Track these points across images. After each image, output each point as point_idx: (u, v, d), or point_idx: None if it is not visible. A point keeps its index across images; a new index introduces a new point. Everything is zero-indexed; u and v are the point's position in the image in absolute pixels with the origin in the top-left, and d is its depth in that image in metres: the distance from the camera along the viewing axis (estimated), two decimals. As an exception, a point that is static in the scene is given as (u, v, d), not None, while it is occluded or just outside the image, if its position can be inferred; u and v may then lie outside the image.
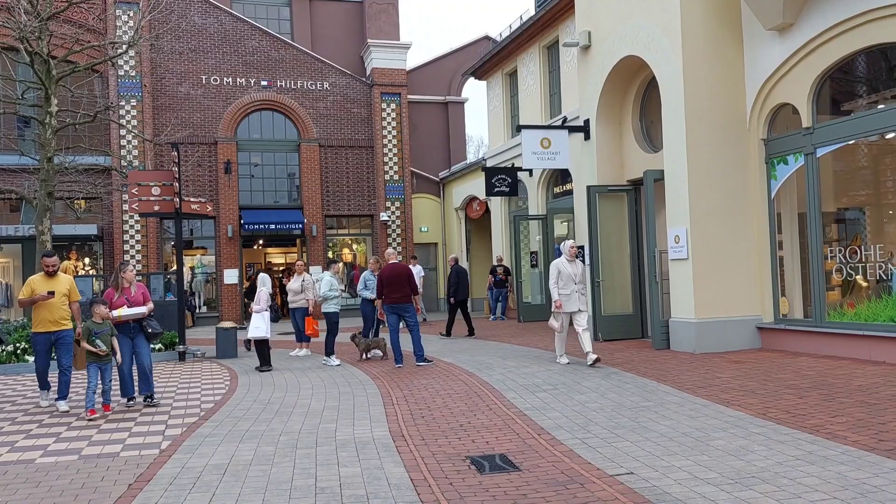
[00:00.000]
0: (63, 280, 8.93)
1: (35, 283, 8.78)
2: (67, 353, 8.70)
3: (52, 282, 8.79)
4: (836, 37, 9.65)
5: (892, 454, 5.23)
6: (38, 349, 8.87)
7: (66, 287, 8.86)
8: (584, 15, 13.67)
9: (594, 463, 5.43)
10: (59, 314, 8.76)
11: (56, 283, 8.79)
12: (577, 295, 10.18)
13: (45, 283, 8.74)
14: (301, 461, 5.83)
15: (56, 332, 8.74)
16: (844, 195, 10.71)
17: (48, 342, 8.78)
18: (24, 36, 13.90)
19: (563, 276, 10.14)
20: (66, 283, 8.91)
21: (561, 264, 10.23)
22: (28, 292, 8.73)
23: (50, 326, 8.71)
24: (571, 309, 10.17)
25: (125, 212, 21.75)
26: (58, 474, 5.73)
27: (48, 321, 8.70)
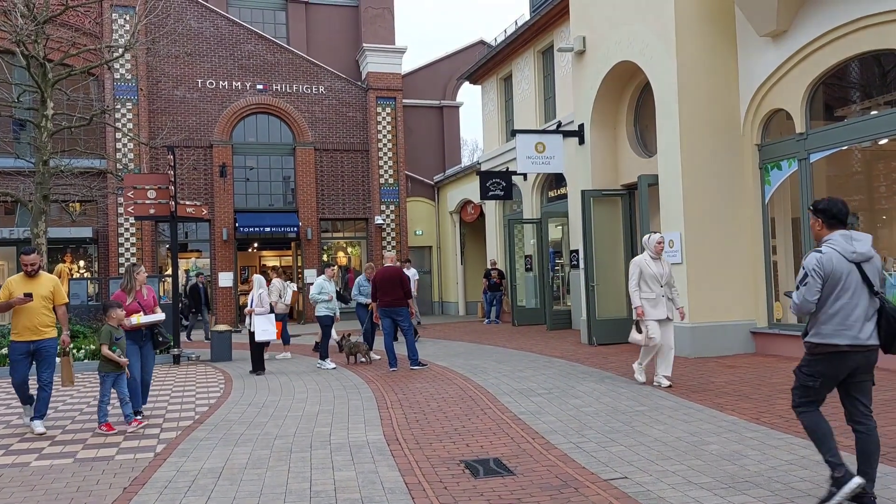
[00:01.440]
0: (45, 281, 7.70)
1: (13, 284, 7.59)
2: (49, 366, 7.58)
3: (32, 283, 7.57)
4: (830, 43, 9.72)
5: (885, 459, 5.25)
6: (14, 360, 7.63)
7: (48, 289, 7.63)
8: (579, 20, 13.72)
9: (588, 467, 5.45)
10: (39, 320, 7.54)
11: (36, 285, 7.56)
12: (664, 300, 8.61)
13: (24, 285, 7.52)
14: (296, 465, 5.84)
15: (36, 341, 7.53)
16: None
17: (27, 353, 7.55)
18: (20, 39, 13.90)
19: (646, 276, 8.61)
20: (49, 285, 7.68)
21: (644, 262, 8.69)
22: (5, 295, 7.54)
23: (29, 334, 7.51)
24: (657, 316, 8.56)
25: (120, 215, 21.74)
26: (53, 478, 5.73)
27: (27, 328, 7.50)
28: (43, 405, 7.60)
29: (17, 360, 7.61)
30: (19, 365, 7.63)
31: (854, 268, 4.34)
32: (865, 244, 4.38)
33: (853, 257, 4.34)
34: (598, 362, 10.71)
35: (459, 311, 24.85)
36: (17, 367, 7.64)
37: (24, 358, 7.57)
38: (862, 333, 4.33)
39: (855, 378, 4.45)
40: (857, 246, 4.36)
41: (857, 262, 4.35)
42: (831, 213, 4.47)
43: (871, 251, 4.39)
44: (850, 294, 4.32)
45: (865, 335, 4.34)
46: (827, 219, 4.49)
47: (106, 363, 7.45)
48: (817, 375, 4.47)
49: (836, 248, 4.38)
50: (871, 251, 4.38)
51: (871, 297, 4.35)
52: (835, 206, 4.47)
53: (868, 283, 4.34)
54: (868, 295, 4.34)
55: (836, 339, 4.34)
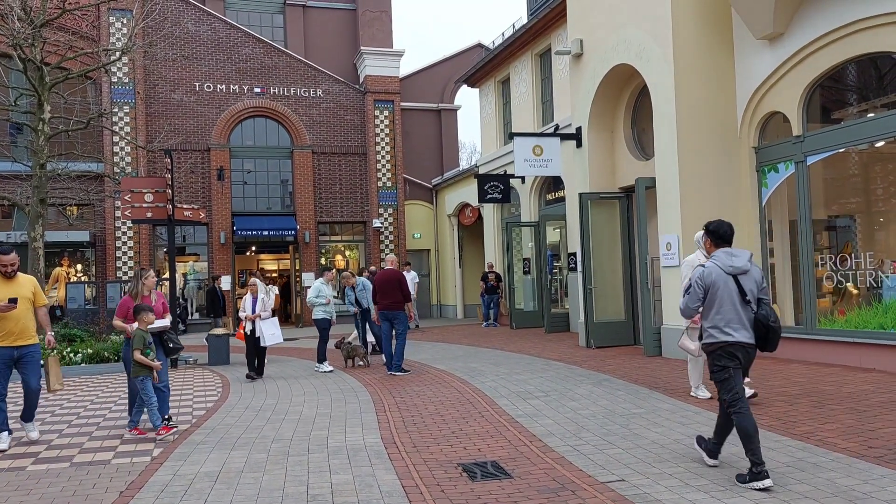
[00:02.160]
0: (25, 282, 7.18)
1: None
2: (36, 371, 7.13)
3: (11, 285, 7.02)
4: (826, 46, 9.73)
5: (881, 461, 5.26)
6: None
7: (29, 290, 7.13)
8: (577, 23, 13.74)
9: (585, 470, 5.45)
10: (24, 324, 7.04)
11: (17, 287, 7.05)
12: None
13: (7, 288, 6.98)
14: (293, 468, 5.83)
15: (21, 346, 7.02)
16: (835, 203, 10.79)
17: (9, 360, 7.00)
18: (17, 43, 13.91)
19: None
20: (30, 286, 7.18)
21: (697, 263, 7.51)
22: None
23: (13, 340, 6.98)
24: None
25: (118, 218, 21.72)
26: (49, 482, 5.71)
27: (11, 333, 6.96)
28: (32, 409, 7.21)
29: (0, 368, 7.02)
30: (1, 375, 7.01)
31: (731, 279, 5.11)
32: (742, 259, 5.15)
33: (730, 270, 5.11)
34: (596, 365, 10.70)
35: (458, 315, 24.84)
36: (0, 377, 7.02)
37: (6, 367, 7.00)
38: (738, 335, 5.06)
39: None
40: (734, 261, 5.15)
41: (734, 274, 5.11)
42: (718, 234, 5.34)
43: (748, 265, 5.15)
44: (727, 301, 5.09)
45: (741, 336, 5.06)
46: (714, 238, 5.35)
47: (139, 367, 7.28)
48: (724, 366, 5.11)
49: (717, 262, 5.19)
50: (747, 265, 5.14)
51: (743, 304, 5.08)
52: (721, 227, 5.35)
53: (742, 292, 5.08)
54: (742, 302, 5.08)
55: (721, 336, 5.09)
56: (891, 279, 9.19)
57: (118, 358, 13.27)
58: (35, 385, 7.12)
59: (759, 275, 5.24)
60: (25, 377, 7.08)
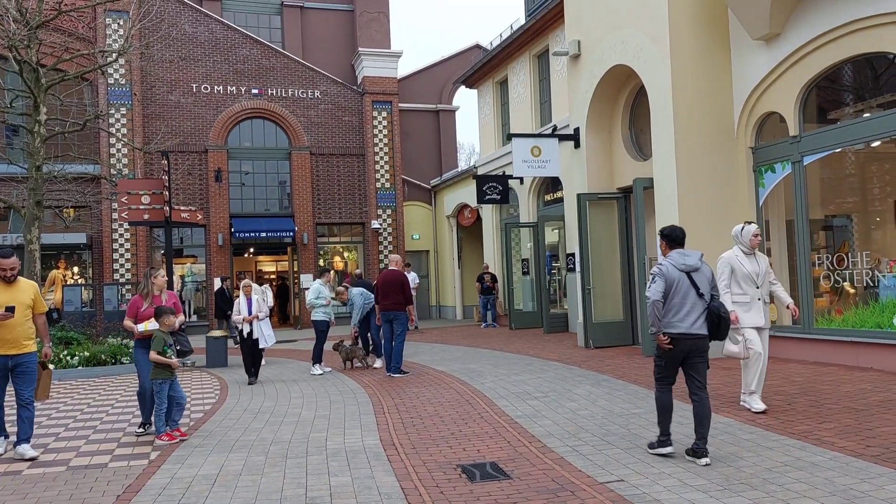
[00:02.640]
0: (25, 287, 6.83)
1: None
2: (31, 382, 6.78)
3: (10, 290, 6.69)
4: (822, 46, 9.74)
5: (879, 460, 5.27)
6: None
7: (29, 297, 6.78)
8: (574, 24, 13.75)
9: (585, 470, 5.45)
10: (21, 332, 6.68)
11: (16, 293, 6.71)
12: (759, 303, 7.21)
13: (6, 293, 6.65)
14: (291, 471, 5.82)
15: (16, 355, 6.67)
16: (832, 203, 10.80)
17: (5, 369, 6.69)
18: (13, 44, 13.88)
19: (738, 276, 7.22)
20: (30, 292, 6.83)
21: (735, 259, 7.29)
22: None
23: (8, 348, 6.63)
24: (754, 323, 7.15)
25: (115, 220, 21.68)
26: (45, 486, 5.70)
27: (6, 341, 6.61)
28: (28, 426, 6.75)
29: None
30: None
31: (685, 276, 5.71)
32: (694, 259, 5.78)
33: (683, 268, 5.72)
34: (595, 365, 10.70)
35: (457, 315, 24.83)
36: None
37: (3, 376, 6.72)
38: (691, 325, 5.65)
39: (690, 360, 5.72)
40: (686, 260, 5.76)
41: (687, 271, 5.72)
42: (671, 238, 5.96)
43: (699, 264, 5.77)
44: (681, 295, 5.67)
45: (694, 326, 5.65)
46: (669, 242, 5.97)
47: (159, 370, 7.19)
48: (662, 356, 5.79)
49: (672, 262, 5.78)
50: (698, 264, 5.77)
51: (698, 297, 5.68)
52: (674, 232, 5.99)
53: (695, 287, 5.67)
54: (695, 296, 5.67)
55: (672, 329, 5.65)
56: (887, 278, 9.20)
57: (115, 361, 13.24)
58: (28, 396, 6.75)
59: (710, 273, 5.83)
60: (18, 387, 6.73)
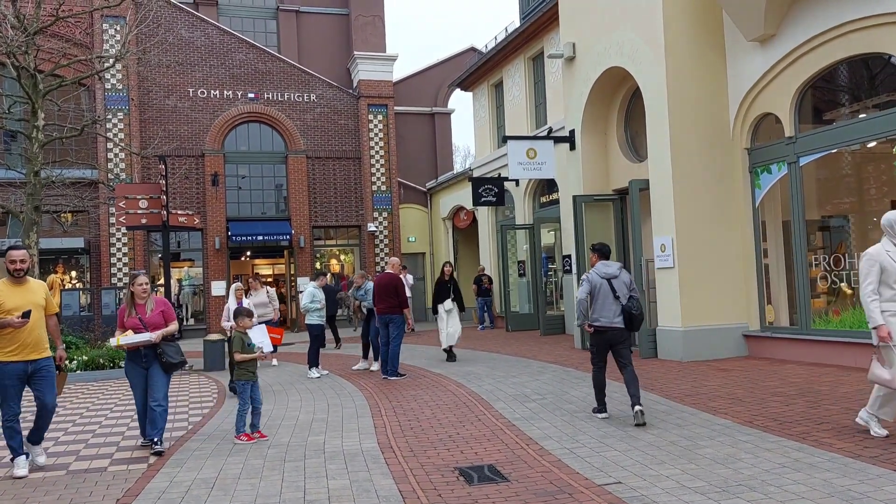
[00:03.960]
0: (37, 288, 6.41)
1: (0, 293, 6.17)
2: (51, 387, 6.35)
3: (22, 290, 6.23)
4: (817, 47, 9.78)
5: (877, 461, 5.28)
6: (6, 387, 6.10)
7: (41, 297, 6.34)
8: (569, 27, 13.78)
9: (582, 473, 5.46)
10: (39, 335, 6.25)
11: (28, 294, 6.25)
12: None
13: (14, 293, 6.18)
14: (289, 474, 5.83)
15: (35, 360, 6.21)
16: (828, 203, 10.83)
17: (23, 376, 6.16)
18: (10, 51, 13.88)
19: (889, 276, 5.82)
20: (42, 292, 6.40)
21: (885, 255, 5.87)
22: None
23: (26, 353, 6.14)
24: None
25: (112, 225, 21.67)
26: (45, 490, 5.70)
27: (24, 345, 6.13)
28: (42, 431, 6.42)
29: (11, 386, 6.12)
30: (14, 392, 6.16)
31: (605, 282, 7.32)
32: (613, 268, 7.39)
33: (604, 276, 7.35)
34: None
35: (453, 318, 24.80)
36: (12, 395, 6.14)
37: (20, 384, 6.18)
38: (611, 319, 7.27)
39: (615, 346, 7.33)
40: (607, 270, 7.38)
41: (607, 278, 7.32)
42: (601, 252, 7.60)
43: (618, 272, 7.36)
44: (602, 297, 7.30)
45: (615, 321, 7.26)
46: (599, 255, 7.58)
47: (241, 371, 7.27)
48: (594, 343, 7.48)
49: (596, 271, 7.43)
50: (616, 272, 7.35)
51: (615, 299, 7.25)
52: (603, 248, 7.65)
53: (613, 290, 7.27)
54: (613, 298, 7.26)
55: (598, 322, 7.32)
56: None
57: (113, 365, 13.23)
58: (51, 402, 6.35)
59: (628, 279, 7.40)
60: (40, 394, 6.29)
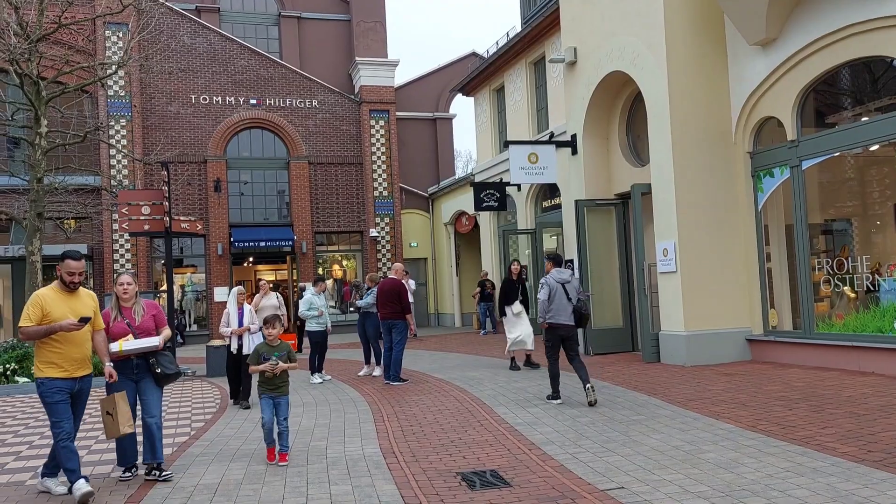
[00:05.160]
0: (87, 298, 5.84)
1: (47, 300, 5.57)
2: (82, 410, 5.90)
3: (71, 300, 5.67)
4: (819, 51, 9.78)
5: (881, 465, 5.26)
6: (56, 402, 5.52)
7: (91, 308, 5.79)
8: (570, 31, 13.79)
9: (585, 478, 5.44)
10: (86, 351, 5.75)
11: (77, 304, 5.69)
12: None
13: (63, 302, 5.61)
14: (292, 480, 5.82)
15: (84, 377, 5.76)
16: (831, 207, 10.82)
17: (70, 394, 5.63)
18: (13, 58, 13.94)
19: None
20: (91, 303, 5.85)
21: None
22: (37, 316, 5.51)
23: (75, 369, 5.64)
24: None
25: (115, 231, 21.71)
26: (48, 497, 5.69)
27: (73, 360, 5.61)
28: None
29: (60, 402, 5.56)
30: (64, 408, 5.58)
31: (560, 286, 8.55)
32: (566, 275, 8.66)
33: (559, 280, 8.58)
34: (594, 372, 10.69)
35: (455, 323, 24.83)
36: (62, 410, 5.57)
37: (69, 399, 5.63)
38: (566, 319, 8.49)
39: (567, 340, 8.55)
40: (561, 276, 8.62)
41: (561, 283, 8.56)
42: (555, 260, 8.93)
43: (570, 278, 8.65)
44: (557, 298, 8.50)
45: (569, 319, 8.50)
46: (553, 263, 8.88)
47: (259, 385, 6.55)
48: (549, 339, 8.66)
49: (552, 276, 8.64)
50: (569, 278, 8.64)
51: (568, 300, 8.50)
52: (558, 257, 9.03)
53: (566, 293, 8.52)
54: (566, 299, 8.50)
55: (554, 320, 8.50)
56: (887, 282, 9.21)
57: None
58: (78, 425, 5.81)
59: (577, 283, 8.80)
60: (77, 414, 5.78)
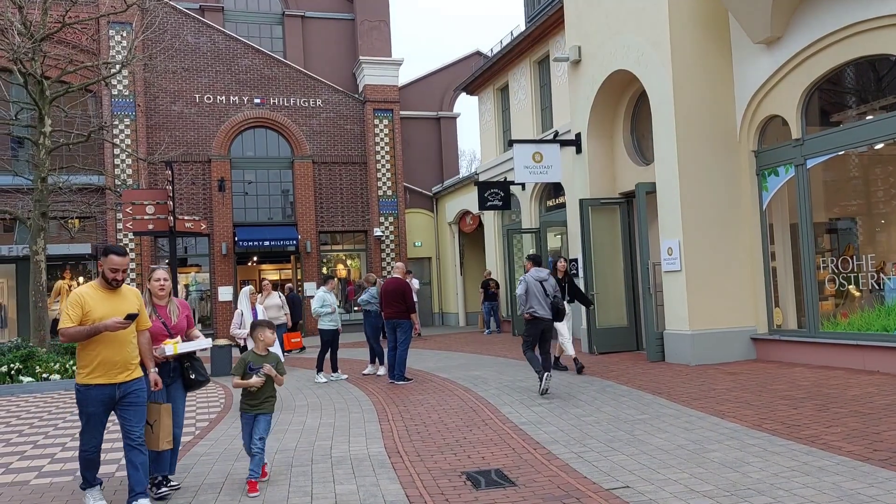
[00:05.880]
0: (130, 296, 5.26)
1: (88, 299, 5.03)
2: (141, 417, 5.22)
3: (113, 298, 5.13)
4: (824, 49, 9.75)
5: (886, 464, 5.25)
6: (91, 414, 5.08)
7: (136, 307, 5.20)
8: (574, 30, 13.77)
9: (590, 477, 5.44)
10: (130, 352, 5.17)
11: (122, 302, 5.14)
12: None
13: (105, 300, 5.08)
14: (296, 479, 5.82)
15: (125, 383, 5.11)
16: (835, 205, 10.78)
17: (110, 402, 5.08)
18: (17, 57, 13.96)
19: None
20: (136, 301, 5.28)
21: None
22: (78, 315, 4.97)
23: (115, 374, 5.05)
24: None
25: (119, 230, 21.74)
26: (53, 496, 5.71)
27: (114, 365, 5.05)
28: (144, 474, 5.11)
29: (94, 414, 5.09)
30: (98, 421, 5.12)
31: (538, 283, 9.26)
32: (543, 273, 9.44)
33: (537, 278, 9.32)
34: (599, 371, 10.69)
35: (459, 322, 24.83)
36: (95, 424, 5.13)
37: (104, 412, 5.11)
38: (544, 312, 9.18)
39: (544, 332, 9.24)
40: (539, 274, 9.37)
41: (539, 281, 9.28)
42: (535, 261, 9.84)
43: (546, 277, 9.38)
44: (536, 294, 9.20)
45: (546, 313, 9.20)
46: (533, 263, 9.78)
47: (242, 403, 5.72)
48: (530, 330, 9.28)
49: (531, 275, 9.39)
50: (546, 277, 9.38)
51: (545, 296, 9.21)
52: (537, 257, 9.97)
53: (544, 290, 9.23)
54: (543, 295, 9.20)
55: (536, 313, 9.13)
56: (892, 281, 9.18)
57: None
58: (138, 435, 5.15)
59: (553, 282, 9.44)
60: (127, 425, 5.12)
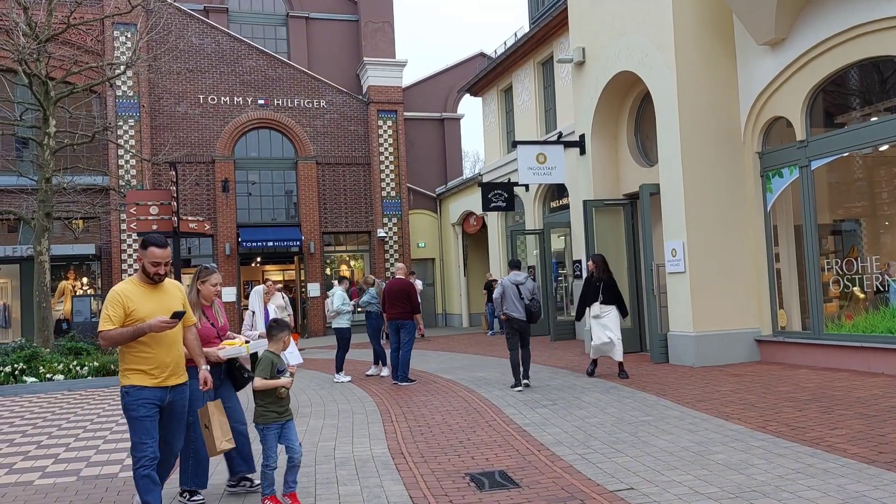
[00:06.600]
0: (174, 290, 4.86)
1: (129, 297, 4.58)
2: (182, 424, 4.88)
3: (156, 294, 4.70)
4: (828, 51, 9.73)
5: (891, 466, 5.23)
6: (142, 418, 4.53)
7: (181, 303, 4.81)
8: (578, 31, 13.76)
9: (594, 479, 5.42)
10: (179, 354, 4.78)
11: (166, 298, 4.74)
12: None
13: (148, 297, 4.64)
14: (300, 480, 5.81)
15: (177, 386, 4.73)
16: (840, 207, 10.76)
17: (160, 405, 4.63)
18: (22, 58, 14.00)
19: None
20: (181, 296, 4.87)
21: None
22: (119, 316, 4.52)
23: (167, 376, 4.63)
24: None
25: (123, 231, 21.78)
26: (56, 496, 5.71)
27: (165, 366, 4.62)
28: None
29: (146, 417, 4.55)
30: (148, 427, 4.55)
31: (514, 286, 9.78)
32: (520, 276, 9.93)
33: (514, 281, 9.84)
34: (603, 372, 10.67)
35: (463, 323, 24.82)
36: (147, 431, 4.55)
37: (156, 414, 4.61)
38: (518, 314, 9.72)
39: (522, 333, 9.78)
40: (516, 278, 9.88)
41: (516, 284, 9.80)
42: (514, 265, 10.24)
43: (523, 280, 9.86)
44: (511, 297, 9.75)
45: (521, 315, 9.73)
46: (511, 266, 10.25)
47: (265, 411, 5.15)
48: (508, 329, 9.85)
49: (508, 278, 9.96)
50: (522, 280, 9.86)
51: (520, 298, 9.73)
52: (515, 262, 10.34)
53: (519, 293, 9.75)
54: (518, 298, 9.74)
55: (510, 313, 9.74)
56: (898, 283, 9.15)
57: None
58: (178, 446, 4.87)
59: (532, 285, 9.89)
60: (172, 431, 4.78)
